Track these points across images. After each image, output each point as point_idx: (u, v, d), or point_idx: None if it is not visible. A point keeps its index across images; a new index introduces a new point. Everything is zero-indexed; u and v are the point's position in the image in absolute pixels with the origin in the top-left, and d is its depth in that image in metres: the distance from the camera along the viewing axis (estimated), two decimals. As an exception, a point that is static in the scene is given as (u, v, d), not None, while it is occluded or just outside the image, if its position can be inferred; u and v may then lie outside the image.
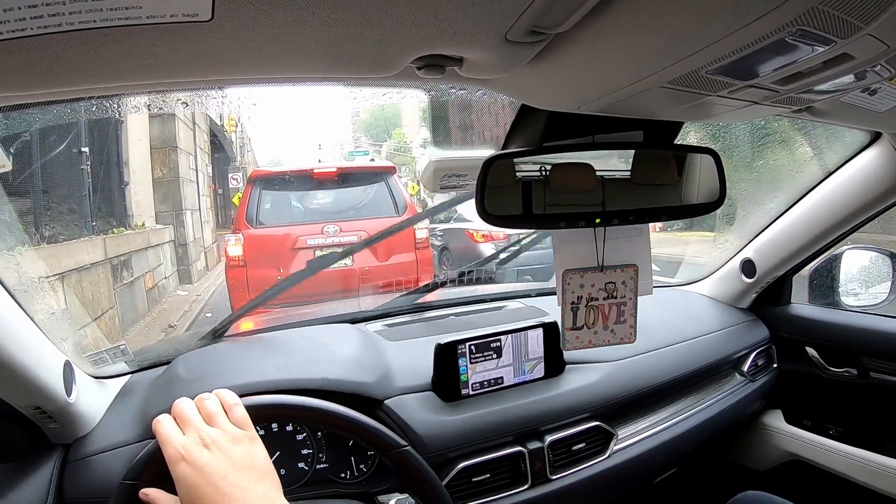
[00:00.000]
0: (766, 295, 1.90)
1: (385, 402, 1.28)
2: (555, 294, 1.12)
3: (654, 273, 1.16)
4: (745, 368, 1.79)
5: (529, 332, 1.41)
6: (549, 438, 1.35)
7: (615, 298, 1.11)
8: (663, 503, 1.89)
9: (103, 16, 0.43)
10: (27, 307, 0.99)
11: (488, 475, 1.29)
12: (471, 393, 1.36)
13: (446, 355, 1.34)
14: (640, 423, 1.53)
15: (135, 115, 8.73)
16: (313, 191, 6.60)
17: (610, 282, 1.09)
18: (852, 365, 1.70)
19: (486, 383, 1.38)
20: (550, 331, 1.43)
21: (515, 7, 0.49)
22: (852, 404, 1.71)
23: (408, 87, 0.91)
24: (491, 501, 1.28)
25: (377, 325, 1.68)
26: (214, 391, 0.82)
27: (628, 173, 1.04)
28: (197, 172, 12.17)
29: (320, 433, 1.25)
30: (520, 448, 1.32)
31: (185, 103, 0.93)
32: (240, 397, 0.83)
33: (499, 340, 1.38)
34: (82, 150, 6.37)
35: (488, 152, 0.93)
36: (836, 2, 0.47)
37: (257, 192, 6.30)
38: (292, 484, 1.23)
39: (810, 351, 1.79)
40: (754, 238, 1.81)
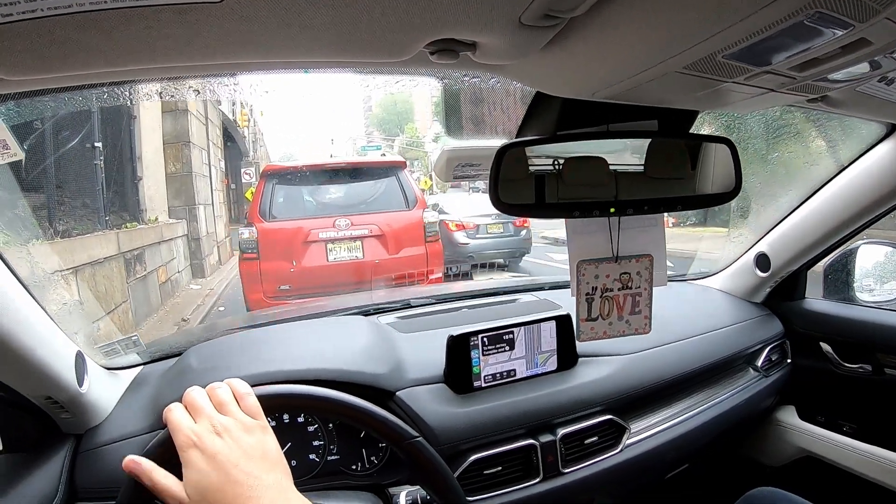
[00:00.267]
0: (781, 289, 1.88)
1: (397, 393, 1.28)
2: (568, 287, 1.12)
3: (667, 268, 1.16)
4: (758, 363, 1.77)
5: (542, 324, 1.40)
6: (562, 431, 1.34)
7: (630, 289, 1.10)
8: (675, 499, 1.88)
9: None
10: (40, 299, 1.00)
11: (500, 468, 1.29)
12: (483, 385, 1.35)
13: (459, 347, 1.33)
14: (652, 418, 1.52)
15: (148, 111, 8.81)
16: (325, 185, 6.65)
17: (625, 272, 1.09)
18: (867, 361, 1.68)
19: (498, 376, 1.37)
20: (563, 323, 1.42)
21: None
22: (866, 401, 1.69)
23: (421, 74, 0.91)
24: (503, 494, 1.28)
25: (390, 318, 1.68)
26: (226, 380, 0.82)
27: (641, 167, 1.03)
28: (210, 167, 12.22)
29: (332, 425, 1.26)
30: (532, 441, 1.31)
31: (197, 91, 0.92)
32: (251, 387, 0.83)
33: (511, 333, 1.37)
34: (96, 145, 6.40)
35: (501, 142, 0.92)
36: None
37: (270, 187, 6.37)
38: (304, 475, 1.23)
39: (825, 346, 1.77)
40: (769, 232, 1.79)
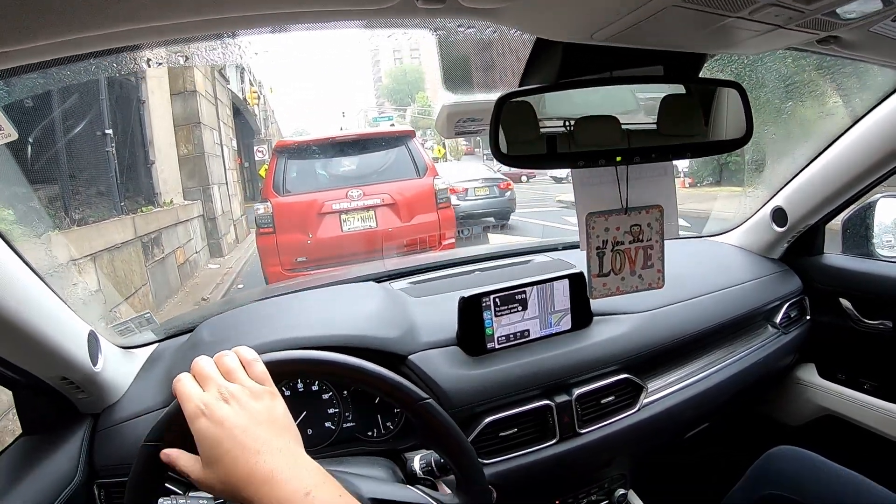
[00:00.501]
0: (798, 245, 1.84)
1: (409, 357, 1.28)
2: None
3: (681, 229, 1.13)
4: (777, 320, 1.75)
5: (555, 283, 1.38)
6: (577, 392, 1.33)
7: (641, 242, 1.08)
8: (694, 458, 1.87)
9: None
10: (53, 284, 1.00)
11: (515, 430, 1.29)
12: (496, 347, 1.34)
13: (471, 309, 1.32)
14: (670, 376, 1.50)
15: (156, 94, 8.90)
16: (336, 158, 6.75)
17: (635, 224, 1.06)
18: (888, 317, 1.64)
19: (511, 336, 1.36)
20: (577, 281, 1.40)
21: None
22: (887, 358, 1.66)
23: (410, 26, 0.88)
24: (519, 456, 1.28)
25: (402, 283, 1.68)
26: (234, 349, 0.81)
27: (654, 126, 1.00)
28: (222, 147, 12.33)
29: (346, 392, 1.26)
30: (547, 402, 1.31)
31: (186, 57, 0.91)
32: (259, 354, 0.82)
33: (524, 292, 1.36)
34: (106, 132, 6.47)
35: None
36: None
37: (283, 162, 6.49)
38: (320, 443, 1.24)
39: (844, 302, 1.74)
40: (785, 185, 1.75)
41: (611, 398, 1.38)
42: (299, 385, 1.24)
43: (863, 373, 1.73)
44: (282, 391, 0.80)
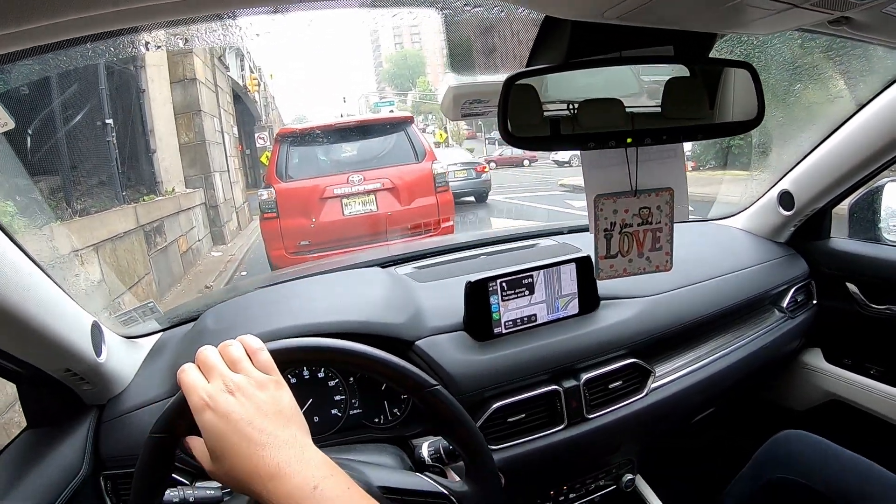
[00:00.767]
0: (805, 229, 1.83)
1: (416, 343, 1.27)
2: (588, 230, 1.08)
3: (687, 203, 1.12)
4: (784, 304, 1.74)
5: (562, 266, 1.37)
6: (585, 376, 1.33)
7: (650, 224, 1.06)
8: (701, 443, 1.87)
9: None
10: (55, 274, 0.99)
11: (523, 415, 1.28)
12: (503, 331, 1.34)
13: (477, 293, 1.31)
14: (677, 361, 1.50)
15: (156, 83, 8.97)
16: (337, 144, 6.93)
17: (644, 207, 1.05)
18: (894, 302, 1.64)
19: (518, 321, 1.35)
20: (584, 265, 1.39)
21: None
22: (894, 343, 1.66)
23: (415, 5, 0.86)
24: (527, 442, 1.27)
25: (407, 268, 1.67)
26: (238, 337, 0.80)
27: (658, 108, 0.98)
28: (223, 134, 12.43)
29: (353, 379, 1.25)
30: (555, 387, 1.30)
31: (186, 39, 0.89)
32: (264, 342, 0.81)
33: (531, 277, 1.35)
34: (106, 122, 6.53)
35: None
36: None
37: (285, 149, 6.66)
38: (326, 431, 1.23)
39: (851, 287, 1.73)
40: (792, 169, 1.74)
41: (618, 383, 1.38)
42: (305, 372, 1.23)
43: (869, 358, 1.73)
44: (287, 378, 0.79)
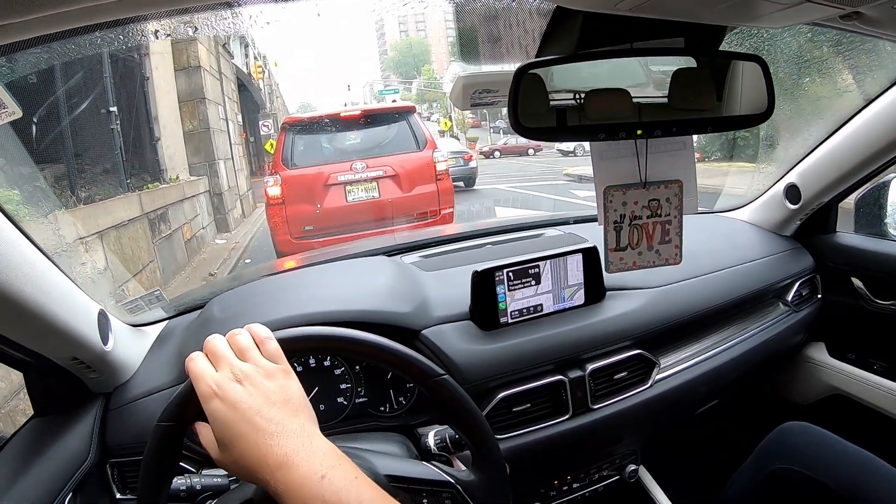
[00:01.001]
0: (811, 223, 1.82)
1: (422, 332, 1.27)
2: (594, 221, 1.08)
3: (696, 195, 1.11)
4: (788, 298, 1.74)
5: (569, 257, 1.37)
6: (591, 367, 1.33)
7: (659, 217, 1.06)
8: (704, 435, 1.88)
9: None
10: (61, 262, 0.99)
11: (529, 405, 1.29)
12: (509, 321, 1.34)
13: (483, 283, 1.31)
14: (682, 352, 1.50)
15: (160, 71, 8.94)
16: (341, 132, 7.11)
17: (654, 199, 1.04)
18: (900, 298, 1.63)
19: (524, 311, 1.35)
20: (590, 256, 1.39)
21: None
22: None
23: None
24: (532, 431, 1.28)
25: (413, 257, 1.67)
26: (246, 326, 0.80)
27: (665, 100, 0.98)
28: (227, 122, 12.47)
29: (359, 367, 1.25)
30: (560, 377, 1.30)
31: (195, 27, 0.89)
32: (272, 331, 0.81)
33: (537, 267, 1.35)
34: (111, 110, 6.56)
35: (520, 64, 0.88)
36: None
37: (291, 137, 6.82)
38: (332, 419, 1.24)
39: (856, 282, 1.73)
40: (799, 162, 1.73)
41: (624, 374, 1.38)
42: (311, 360, 1.24)
43: (873, 353, 1.73)
44: (293, 366, 0.79)
